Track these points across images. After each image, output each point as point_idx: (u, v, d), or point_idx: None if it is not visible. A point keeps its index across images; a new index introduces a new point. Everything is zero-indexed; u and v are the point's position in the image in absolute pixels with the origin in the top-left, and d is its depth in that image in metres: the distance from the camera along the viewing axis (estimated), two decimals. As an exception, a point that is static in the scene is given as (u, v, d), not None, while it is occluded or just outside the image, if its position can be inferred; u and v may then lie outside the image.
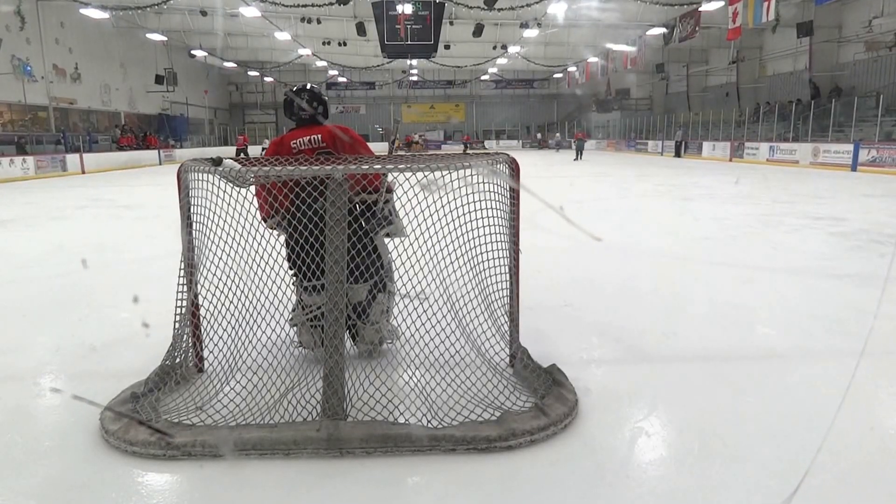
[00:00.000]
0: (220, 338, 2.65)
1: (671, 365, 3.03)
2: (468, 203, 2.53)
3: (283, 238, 2.85)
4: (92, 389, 2.70)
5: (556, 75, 39.33)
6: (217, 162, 2.39)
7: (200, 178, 2.53)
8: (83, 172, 20.97)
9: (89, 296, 4.55)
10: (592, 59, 31.01)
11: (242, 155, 20.10)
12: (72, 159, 20.95)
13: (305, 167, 2.37)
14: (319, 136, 2.88)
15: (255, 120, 43.56)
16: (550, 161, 25.87)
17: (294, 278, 2.86)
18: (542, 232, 6.88)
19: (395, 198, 2.82)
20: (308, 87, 3.02)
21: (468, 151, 26.80)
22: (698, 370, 2.96)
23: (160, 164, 26.99)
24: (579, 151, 27.08)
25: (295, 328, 2.98)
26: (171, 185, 2.70)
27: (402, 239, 2.65)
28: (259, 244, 2.51)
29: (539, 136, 40.42)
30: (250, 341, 2.59)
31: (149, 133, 29.23)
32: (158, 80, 29.55)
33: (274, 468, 2.11)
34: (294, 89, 2.99)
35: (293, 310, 2.95)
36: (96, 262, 5.86)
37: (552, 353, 2.98)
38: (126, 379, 2.70)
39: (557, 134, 40.12)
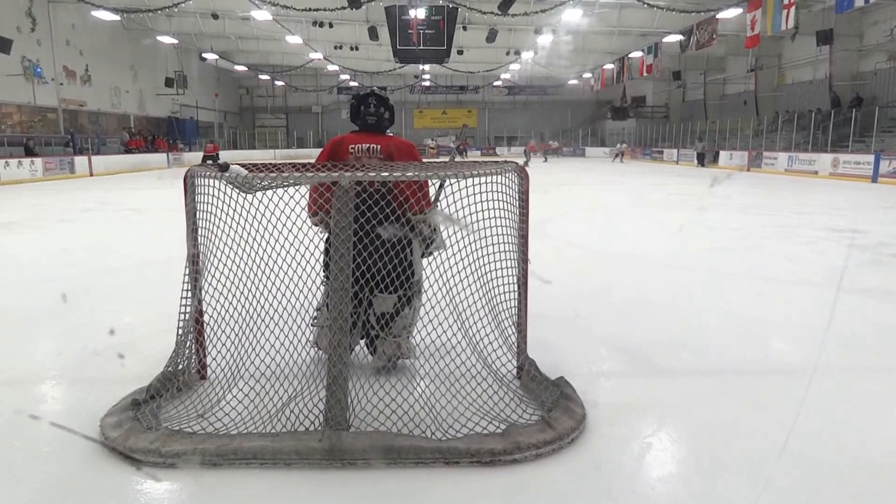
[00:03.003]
0: (224, 345, 2.62)
1: (682, 378, 2.97)
2: (477, 211, 2.48)
3: (318, 241, 2.74)
4: (93, 395, 2.67)
5: (570, 82, 38.89)
6: (224, 167, 2.37)
7: (207, 183, 2.49)
8: (91, 175, 21.01)
9: (93, 299, 4.53)
10: (608, 66, 30.61)
11: (209, 162, 19.86)
12: (80, 161, 20.99)
13: (312, 173, 2.34)
14: (379, 146, 2.85)
15: (265, 124, 43.52)
16: (560, 168, 25.48)
17: (326, 280, 2.78)
18: (552, 241, 6.83)
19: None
20: (376, 91, 2.99)
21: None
22: (710, 384, 2.90)
23: (168, 167, 26.97)
24: (528, 159, 26.98)
25: (315, 329, 2.90)
26: (179, 188, 2.68)
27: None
28: (265, 251, 2.47)
29: (555, 143, 39.27)
30: (253, 349, 2.56)
31: (157, 136, 29.19)
32: (168, 82, 29.59)
33: (275, 478, 2.08)
34: (361, 94, 2.97)
35: (318, 308, 2.89)
36: (101, 265, 5.84)
37: (560, 365, 2.92)
38: (128, 385, 2.67)
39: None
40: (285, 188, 2.36)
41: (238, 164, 2.42)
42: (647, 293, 4.62)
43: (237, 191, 2.40)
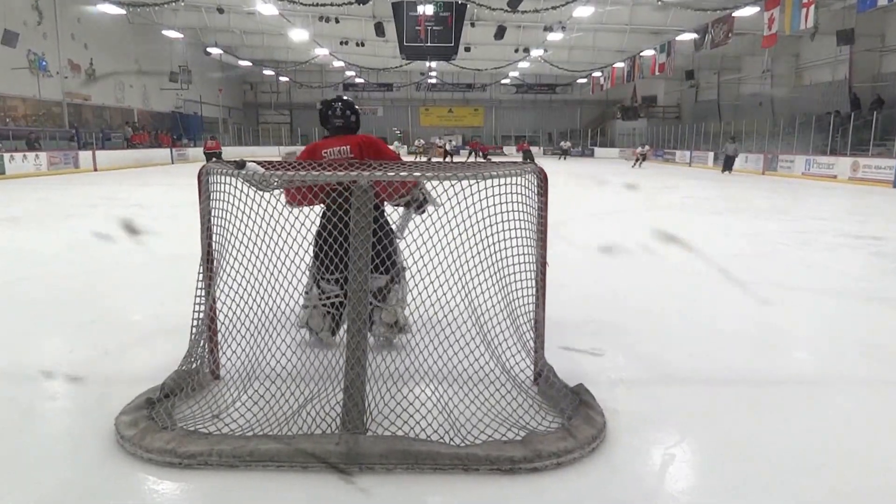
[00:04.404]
0: (238, 344, 2.60)
1: (702, 388, 2.93)
2: (494, 213, 2.46)
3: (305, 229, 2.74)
4: (107, 393, 2.66)
5: (579, 80, 38.32)
6: (240, 165, 2.37)
7: (222, 181, 2.48)
8: (95, 170, 20.92)
9: (102, 296, 4.50)
10: (618, 65, 30.05)
11: (215, 159, 17.61)
12: (84, 156, 20.91)
13: (330, 173, 2.36)
14: (348, 147, 3.04)
15: (268, 120, 43.18)
16: (571, 169, 25.09)
17: (312, 266, 2.90)
18: (566, 244, 6.66)
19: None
20: (342, 97, 3.29)
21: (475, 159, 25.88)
22: (730, 394, 2.84)
23: (172, 162, 26.91)
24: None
25: (305, 310, 3.04)
26: (184, 185, 2.95)
27: (428, 249, 2.57)
28: (281, 250, 2.44)
29: (568, 144, 37.94)
30: (269, 349, 2.55)
31: (161, 131, 28.92)
32: (173, 77, 29.34)
33: (291, 481, 2.06)
34: (329, 100, 3.20)
35: (305, 293, 2.99)
36: (110, 262, 5.83)
37: (576, 371, 2.88)
38: (140, 383, 2.63)
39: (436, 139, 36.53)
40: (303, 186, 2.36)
41: (254, 162, 2.40)
42: (661, 299, 4.54)
43: (253, 189, 2.38)
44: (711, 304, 4.50)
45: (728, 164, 22.70)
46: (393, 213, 3.20)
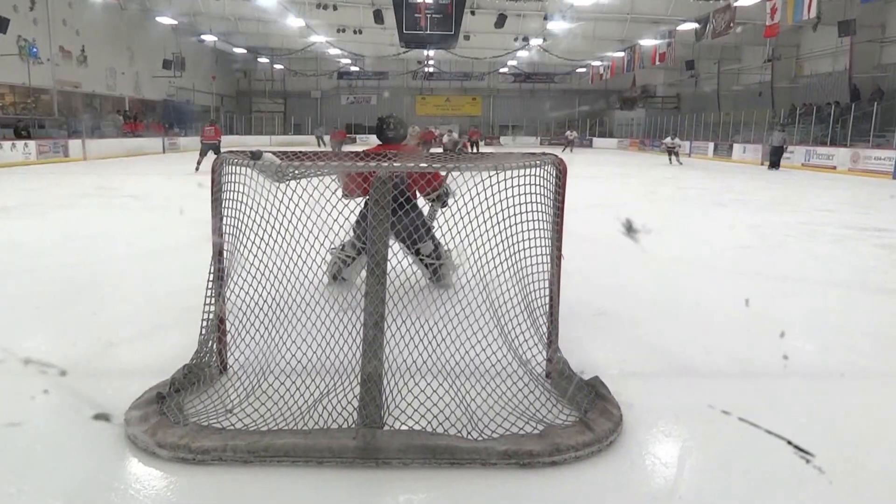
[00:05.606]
0: (252, 337, 2.57)
1: (715, 381, 2.92)
2: (512, 205, 2.45)
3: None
4: (114, 387, 2.65)
5: (578, 70, 38.05)
6: (257, 156, 2.34)
7: (236, 171, 2.45)
8: (85, 159, 20.60)
9: (102, 289, 4.45)
10: (619, 54, 29.81)
11: (212, 152, 13.74)
12: (74, 145, 20.59)
13: (349, 164, 2.41)
14: (396, 153, 3.85)
15: (262, 109, 42.61)
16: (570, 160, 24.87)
17: (353, 230, 3.37)
18: (571, 236, 6.45)
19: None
20: (393, 114, 4.25)
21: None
22: (745, 387, 2.84)
23: (164, 152, 26.55)
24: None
25: (331, 258, 3.62)
26: (177, 173, 2.94)
27: (446, 242, 2.64)
28: (296, 241, 2.41)
29: (574, 134, 36.47)
30: (284, 342, 2.52)
31: (153, 120, 28.52)
32: (166, 64, 28.88)
33: (306, 477, 2.04)
34: (383, 116, 4.17)
35: (340, 243, 3.40)
36: (107, 253, 5.76)
37: (588, 364, 2.86)
38: (147, 377, 2.61)
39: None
40: (320, 177, 2.31)
41: (270, 152, 2.38)
42: (669, 292, 4.52)
43: (269, 180, 2.35)
44: (721, 296, 4.47)
45: (775, 158, 19.18)
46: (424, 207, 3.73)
